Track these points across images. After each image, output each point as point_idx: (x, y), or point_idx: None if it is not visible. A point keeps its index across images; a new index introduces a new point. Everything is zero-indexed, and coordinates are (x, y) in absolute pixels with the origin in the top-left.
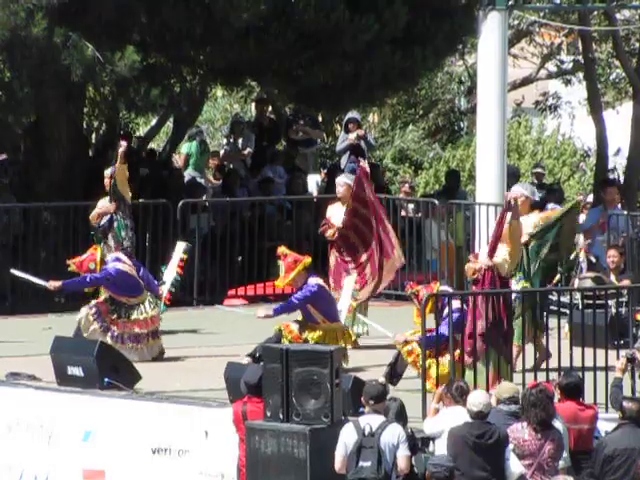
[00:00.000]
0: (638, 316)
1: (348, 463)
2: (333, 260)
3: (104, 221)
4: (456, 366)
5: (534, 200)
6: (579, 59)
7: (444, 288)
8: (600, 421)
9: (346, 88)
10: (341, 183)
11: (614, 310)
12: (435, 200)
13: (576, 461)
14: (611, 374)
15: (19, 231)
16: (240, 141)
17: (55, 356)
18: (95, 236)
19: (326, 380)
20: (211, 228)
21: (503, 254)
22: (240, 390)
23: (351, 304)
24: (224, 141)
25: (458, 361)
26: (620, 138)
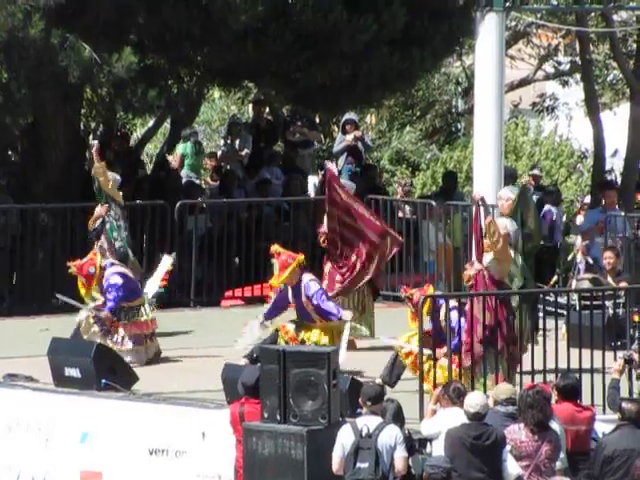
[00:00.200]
0: (635, 317)
1: (345, 464)
2: (328, 268)
3: (97, 224)
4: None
5: None
6: (576, 60)
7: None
8: (597, 422)
9: (344, 89)
10: None
11: (611, 311)
12: (432, 201)
13: (573, 462)
14: (608, 375)
15: (17, 232)
16: (237, 142)
17: (52, 357)
18: (92, 240)
19: (323, 381)
20: (208, 229)
21: (490, 257)
22: (237, 391)
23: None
24: (221, 142)
25: (457, 366)
26: (617, 139)
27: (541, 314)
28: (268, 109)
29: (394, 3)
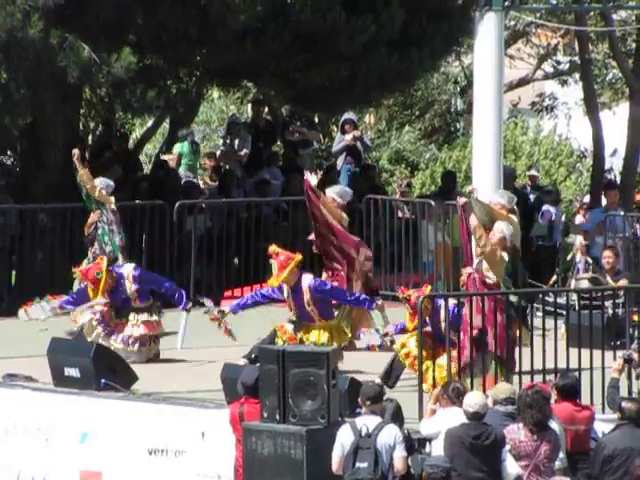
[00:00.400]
0: (635, 317)
1: (345, 464)
2: (324, 276)
3: (91, 230)
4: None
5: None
6: (575, 60)
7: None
8: (597, 422)
9: (342, 89)
10: (328, 195)
11: (611, 311)
12: (431, 201)
13: (573, 462)
14: (608, 375)
15: (16, 232)
16: (236, 142)
17: (52, 357)
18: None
19: (323, 381)
20: (207, 229)
21: (480, 260)
22: (237, 391)
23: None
24: (220, 142)
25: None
26: (616, 139)
27: (540, 314)
28: (267, 109)
29: (393, 3)
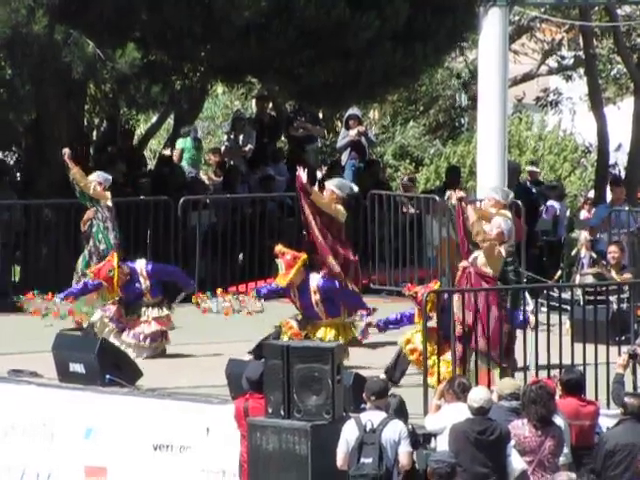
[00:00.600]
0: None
1: (350, 459)
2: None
3: (87, 227)
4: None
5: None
6: (580, 55)
7: None
8: (601, 417)
9: (347, 85)
10: (327, 188)
11: (615, 306)
12: (436, 196)
13: (577, 457)
14: (612, 370)
15: (21, 228)
16: (241, 138)
17: (57, 353)
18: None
19: (327, 376)
20: (212, 225)
21: (478, 254)
22: (242, 386)
23: None
24: (225, 138)
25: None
26: (621, 134)
27: (545, 309)
28: (271, 105)
29: None
